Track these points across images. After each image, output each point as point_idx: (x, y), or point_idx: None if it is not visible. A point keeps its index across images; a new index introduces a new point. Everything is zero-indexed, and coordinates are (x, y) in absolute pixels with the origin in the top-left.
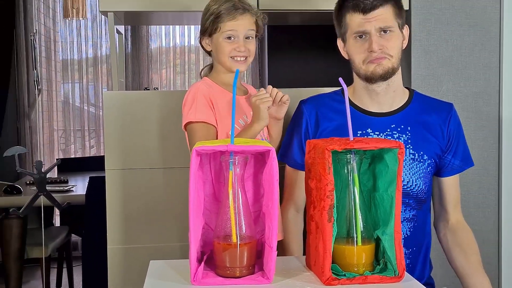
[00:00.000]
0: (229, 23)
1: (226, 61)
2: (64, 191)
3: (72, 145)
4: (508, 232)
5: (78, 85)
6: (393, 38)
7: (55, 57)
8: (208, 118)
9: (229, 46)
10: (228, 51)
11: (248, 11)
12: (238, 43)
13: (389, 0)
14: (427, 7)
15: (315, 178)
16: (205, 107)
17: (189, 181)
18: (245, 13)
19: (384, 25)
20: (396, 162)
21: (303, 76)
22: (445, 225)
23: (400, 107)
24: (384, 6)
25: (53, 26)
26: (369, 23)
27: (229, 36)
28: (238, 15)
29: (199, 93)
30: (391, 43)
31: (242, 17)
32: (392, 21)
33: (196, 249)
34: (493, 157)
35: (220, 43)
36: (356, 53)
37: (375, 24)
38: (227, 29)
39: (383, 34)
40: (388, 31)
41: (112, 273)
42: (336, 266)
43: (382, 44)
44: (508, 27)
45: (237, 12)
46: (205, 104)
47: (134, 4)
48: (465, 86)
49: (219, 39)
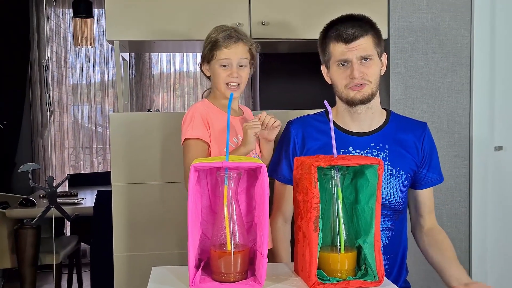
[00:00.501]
0: (224, 51)
1: (221, 87)
2: (74, 203)
3: (81, 162)
4: (478, 241)
5: (87, 107)
6: (372, 66)
7: (66, 81)
8: (203, 135)
9: (224, 73)
10: (223, 78)
11: (241, 40)
12: (231, 70)
13: (369, 31)
14: (404, 36)
15: (302, 192)
16: (201, 125)
17: (187, 194)
18: (239, 42)
19: (364, 53)
20: (376, 177)
21: (291, 99)
22: (421, 230)
23: (379, 127)
24: (364, 37)
25: (64, 54)
26: (350, 52)
27: (223, 64)
28: (232, 44)
29: (196, 112)
30: (371, 70)
31: (236, 46)
32: (372, 50)
33: (194, 257)
34: (464, 173)
35: (216, 70)
36: (339, 79)
37: (356, 53)
38: (222, 57)
39: (364, 62)
40: (368, 59)
41: (118, 278)
42: (321, 272)
43: (363, 71)
44: (478, 54)
45: (231, 41)
46: (201, 122)
47: (138, 34)
48: (438, 108)
49: (215, 66)
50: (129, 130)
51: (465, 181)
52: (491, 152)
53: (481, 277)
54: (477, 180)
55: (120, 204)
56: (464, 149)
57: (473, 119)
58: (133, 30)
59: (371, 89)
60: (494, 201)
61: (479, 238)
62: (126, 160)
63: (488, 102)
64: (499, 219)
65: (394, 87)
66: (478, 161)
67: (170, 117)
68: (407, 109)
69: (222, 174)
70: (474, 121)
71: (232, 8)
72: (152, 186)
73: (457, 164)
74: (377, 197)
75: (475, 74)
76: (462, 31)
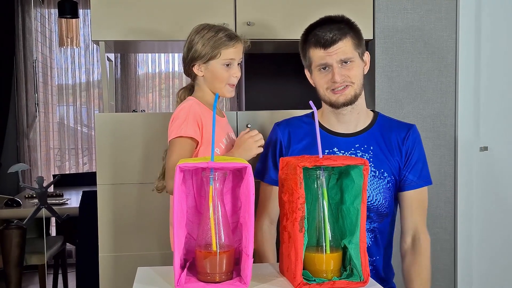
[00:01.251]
0: (230, 50)
1: (222, 87)
2: (60, 204)
3: (67, 162)
4: (463, 241)
5: (72, 108)
6: (354, 67)
7: (51, 82)
8: (195, 135)
9: (227, 73)
10: (226, 77)
11: (240, 39)
12: (234, 69)
13: (347, 33)
14: (389, 37)
15: (288, 192)
16: (195, 125)
17: (173, 194)
18: (240, 41)
19: (344, 57)
20: (361, 177)
21: (276, 99)
22: (404, 242)
23: (364, 128)
24: (343, 40)
25: (49, 54)
26: (330, 56)
27: (227, 63)
28: (236, 43)
29: (191, 111)
30: (353, 72)
31: (238, 45)
32: (352, 52)
33: (179, 257)
34: (450, 173)
35: (218, 69)
36: (320, 83)
37: (336, 57)
38: (228, 57)
39: (345, 65)
40: (349, 61)
41: (103, 279)
42: (307, 272)
43: (344, 74)
44: (463, 55)
45: (235, 40)
46: (195, 122)
47: (123, 34)
48: (424, 109)
49: (217, 65)
50: (115, 131)
51: (450, 181)
52: (476, 152)
53: (467, 277)
54: (463, 181)
55: (106, 205)
56: (450, 150)
57: (459, 119)
58: (119, 30)
59: (354, 91)
60: (479, 201)
61: (465, 238)
62: (112, 161)
63: (473, 103)
64: (484, 219)
65: (380, 88)
66: (463, 161)
67: (156, 118)
68: (392, 110)
69: (208, 174)
70: (459, 122)
71: (217, 8)
72: (137, 186)
73: (442, 164)
74: (363, 197)
75: (461, 75)
76: (447, 32)
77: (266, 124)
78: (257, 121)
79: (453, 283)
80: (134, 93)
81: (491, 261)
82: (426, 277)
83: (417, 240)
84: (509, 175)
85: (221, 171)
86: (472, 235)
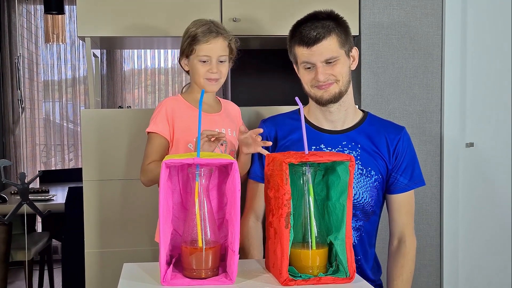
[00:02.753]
0: (203, 46)
1: (200, 81)
2: (46, 200)
3: (52, 158)
4: (449, 237)
5: (58, 104)
6: (338, 65)
7: (37, 78)
8: (162, 131)
9: (203, 69)
10: (202, 73)
11: (221, 34)
12: (211, 65)
13: (332, 31)
14: (375, 33)
15: (274, 188)
16: (163, 121)
17: (159, 190)
18: (218, 36)
19: (328, 56)
20: (347, 173)
21: (263, 95)
22: (391, 243)
23: (352, 126)
24: (327, 38)
25: (35, 50)
26: (313, 56)
27: (203, 60)
28: (211, 38)
29: (163, 107)
30: (337, 70)
31: (215, 40)
32: (337, 51)
33: (165, 253)
34: (435, 170)
35: (195, 65)
36: (305, 80)
37: (320, 57)
38: (201, 54)
39: (329, 64)
40: (333, 60)
41: (89, 275)
42: (292, 268)
43: (328, 72)
44: (449, 51)
45: (210, 35)
46: (164, 118)
47: (109, 30)
48: (409, 105)
49: (194, 61)
50: (101, 127)
51: (436, 177)
52: (462, 148)
53: (452, 273)
54: (448, 177)
55: (92, 201)
56: (435, 146)
57: (444, 115)
58: (104, 26)
59: (339, 88)
60: (465, 197)
61: (451, 234)
62: (98, 157)
63: (459, 99)
64: (470, 216)
65: (366, 84)
66: (449, 157)
67: (142, 114)
68: (378, 106)
69: (194, 170)
70: (445, 118)
71: (203, 4)
72: (123, 182)
73: (428, 161)
74: (349, 193)
75: (446, 71)
76: (433, 28)
77: (253, 121)
78: (243, 117)
79: (439, 279)
80: (120, 89)
81: (477, 257)
82: (407, 278)
83: (403, 243)
84: (495, 172)
85: (207, 167)
86: (458, 231)
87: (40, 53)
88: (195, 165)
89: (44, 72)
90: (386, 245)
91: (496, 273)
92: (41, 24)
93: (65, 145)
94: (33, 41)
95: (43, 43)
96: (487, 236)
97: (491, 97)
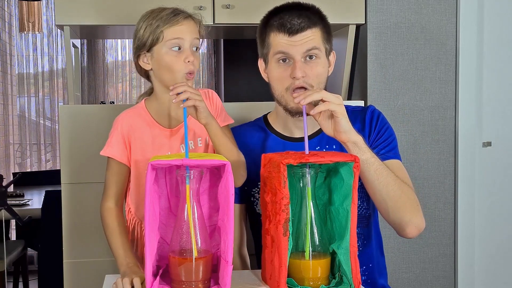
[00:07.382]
0: (173, 29)
1: (176, 78)
2: (20, 205)
3: (28, 159)
4: (464, 246)
5: (34, 99)
6: (318, 66)
7: (11, 70)
8: (117, 155)
9: (176, 58)
10: (180, 65)
11: (191, 17)
12: (186, 52)
13: (318, 23)
14: (383, 21)
15: (271, 192)
16: (118, 144)
17: (144, 195)
18: (189, 18)
19: (311, 46)
20: (351, 175)
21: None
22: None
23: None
24: (312, 29)
25: (9, 40)
26: (293, 47)
27: (174, 45)
28: (181, 19)
29: (117, 129)
30: (315, 71)
31: (187, 21)
32: (320, 45)
33: (151, 263)
34: (449, 171)
35: (163, 55)
36: (278, 79)
37: (301, 48)
38: (171, 37)
39: (308, 61)
40: (314, 56)
41: (68, 287)
42: (291, 280)
43: (306, 71)
44: (464, 41)
45: (180, 16)
46: (119, 141)
47: (90, 18)
48: (421, 100)
49: (162, 51)
50: (81, 124)
51: (450, 180)
52: (478, 148)
53: (468, 286)
54: (464, 179)
55: (70, 206)
56: (450, 145)
57: (459, 112)
58: (85, 14)
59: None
60: (481, 202)
61: (466, 243)
62: (77, 157)
63: (475, 94)
64: (487, 222)
65: (372, 77)
66: (464, 158)
67: None
68: (386, 102)
69: (183, 173)
70: (460, 114)
71: None
72: None
73: (441, 161)
74: (353, 197)
75: (461, 63)
76: (446, 15)
77: (248, 118)
78: (237, 114)
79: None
80: (102, 83)
81: (495, 268)
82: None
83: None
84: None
85: (197, 169)
86: (475, 239)
87: (14, 43)
88: (184, 167)
89: (18, 64)
90: (386, 246)
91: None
92: (15, 12)
93: (41, 145)
94: (6, 30)
95: (17, 32)
96: (507, 245)
97: (510, 92)
